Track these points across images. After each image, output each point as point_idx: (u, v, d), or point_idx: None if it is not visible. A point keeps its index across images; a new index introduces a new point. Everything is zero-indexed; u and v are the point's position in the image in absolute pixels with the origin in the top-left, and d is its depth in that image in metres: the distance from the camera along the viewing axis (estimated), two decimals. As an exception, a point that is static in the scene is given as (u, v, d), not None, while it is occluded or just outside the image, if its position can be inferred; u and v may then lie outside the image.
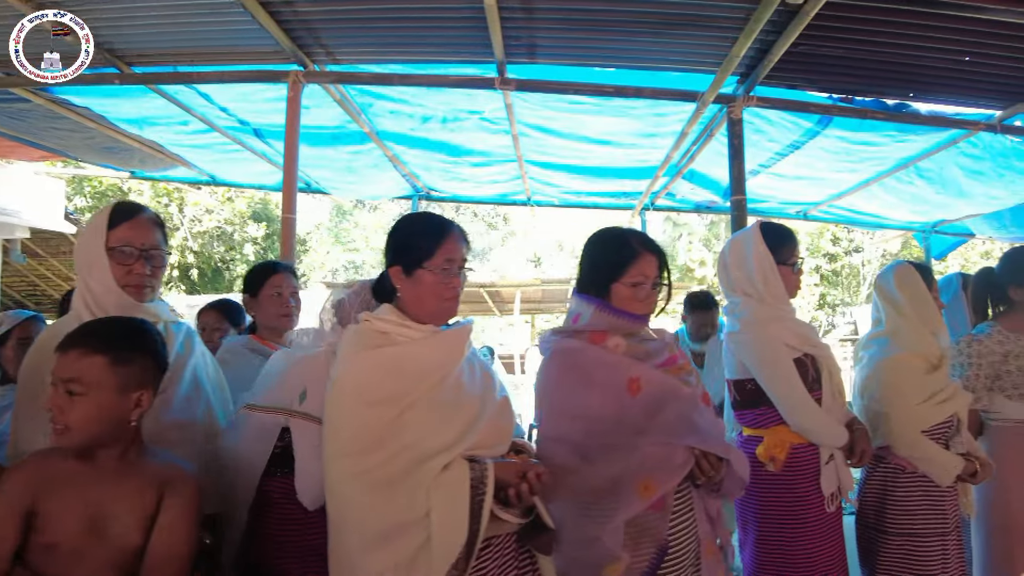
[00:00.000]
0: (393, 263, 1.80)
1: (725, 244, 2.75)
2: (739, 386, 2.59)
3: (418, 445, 1.60)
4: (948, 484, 2.54)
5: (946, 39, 3.52)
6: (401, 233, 1.84)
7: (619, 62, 4.10)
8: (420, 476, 1.57)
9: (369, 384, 1.64)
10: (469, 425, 1.68)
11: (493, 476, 1.60)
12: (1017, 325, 2.92)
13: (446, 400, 1.69)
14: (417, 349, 1.72)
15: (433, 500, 1.55)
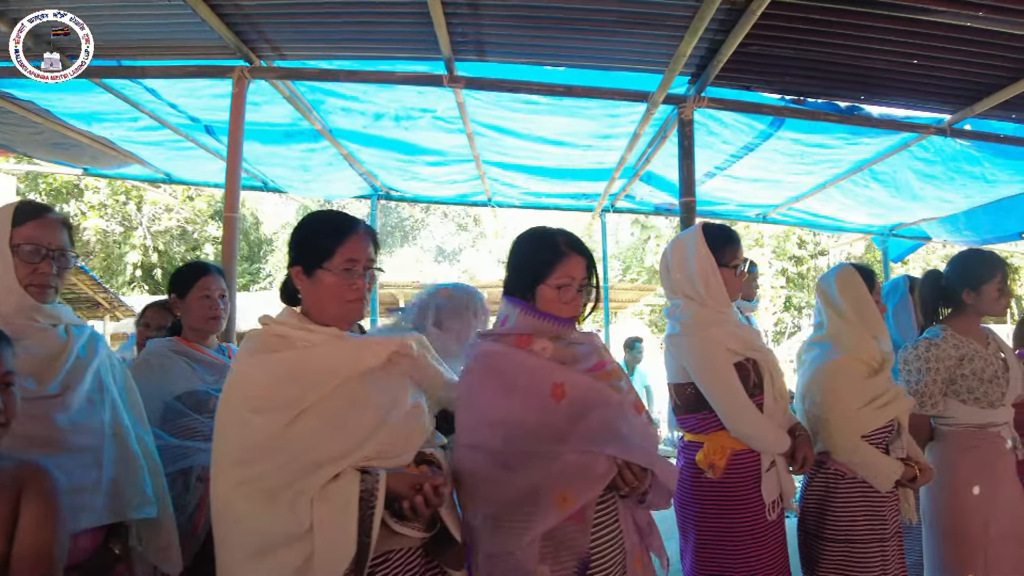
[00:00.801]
0: (293, 263, 1.72)
1: (667, 245, 2.69)
2: (679, 390, 2.53)
3: (307, 454, 1.51)
4: (888, 490, 2.51)
5: (895, 41, 3.51)
6: (302, 232, 1.76)
7: (569, 61, 4.04)
8: (305, 487, 1.49)
9: (258, 390, 1.57)
10: (367, 433, 1.59)
11: (384, 487, 1.52)
12: (966, 327, 2.90)
13: (342, 407, 1.60)
14: (314, 354, 1.64)
15: (317, 513, 1.47)
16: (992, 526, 2.70)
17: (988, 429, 2.78)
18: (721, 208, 7.18)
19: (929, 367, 2.80)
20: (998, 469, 2.76)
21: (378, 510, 1.50)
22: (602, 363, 1.98)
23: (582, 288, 1.94)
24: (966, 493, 2.73)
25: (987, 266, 2.86)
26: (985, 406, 2.76)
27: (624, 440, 1.78)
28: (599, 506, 1.84)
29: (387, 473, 1.56)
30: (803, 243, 26.03)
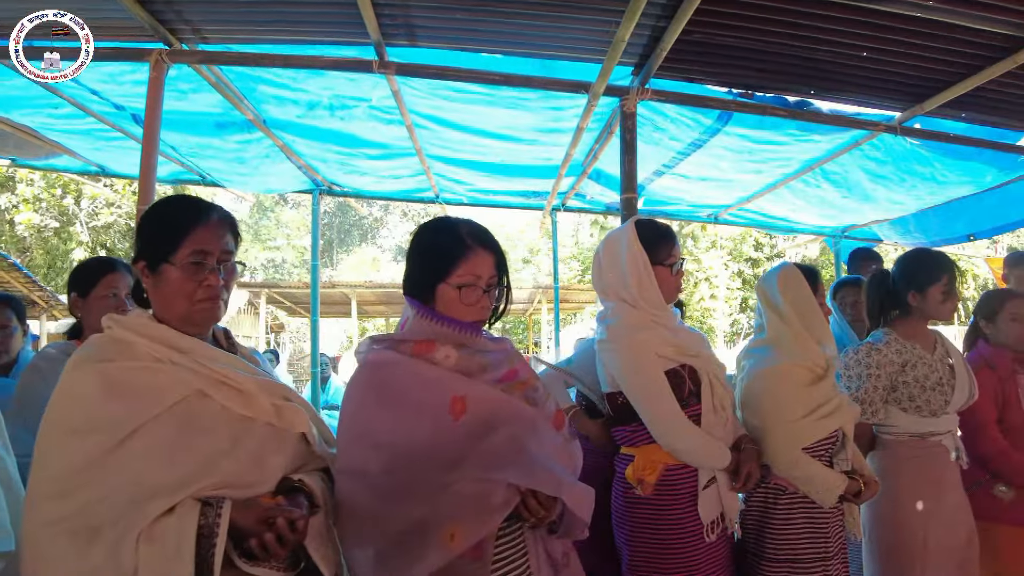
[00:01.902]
0: (137, 257, 1.47)
1: (599, 244, 2.49)
2: (611, 400, 2.35)
3: (135, 483, 1.27)
4: (831, 505, 2.35)
5: (845, 32, 3.35)
6: (147, 221, 1.51)
7: (505, 48, 3.81)
8: (130, 523, 1.24)
9: (80, 407, 1.31)
10: (213, 457, 1.35)
11: (227, 523, 1.28)
12: (912, 331, 2.77)
13: (184, 426, 1.36)
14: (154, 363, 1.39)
15: (142, 554, 1.22)
16: (931, 538, 2.58)
17: (930, 439, 2.66)
18: (672, 208, 7.04)
19: (870, 373, 2.67)
20: (940, 479, 2.65)
21: (218, 550, 1.26)
22: (513, 372, 1.76)
23: (490, 288, 1.71)
24: (906, 504, 2.61)
25: (933, 268, 2.73)
26: (927, 415, 2.64)
27: (528, 464, 1.55)
28: (504, 537, 1.62)
29: (233, 505, 1.31)
30: (759, 245, 26.27)
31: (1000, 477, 2.98)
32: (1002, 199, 5.70)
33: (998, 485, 3.00)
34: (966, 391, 2.73)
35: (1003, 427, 3.03)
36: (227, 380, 1.45)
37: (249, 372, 1.53)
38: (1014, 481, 2.96)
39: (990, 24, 3.16)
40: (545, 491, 1.54)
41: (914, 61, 3.61)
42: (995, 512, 2.99)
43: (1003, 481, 2.98)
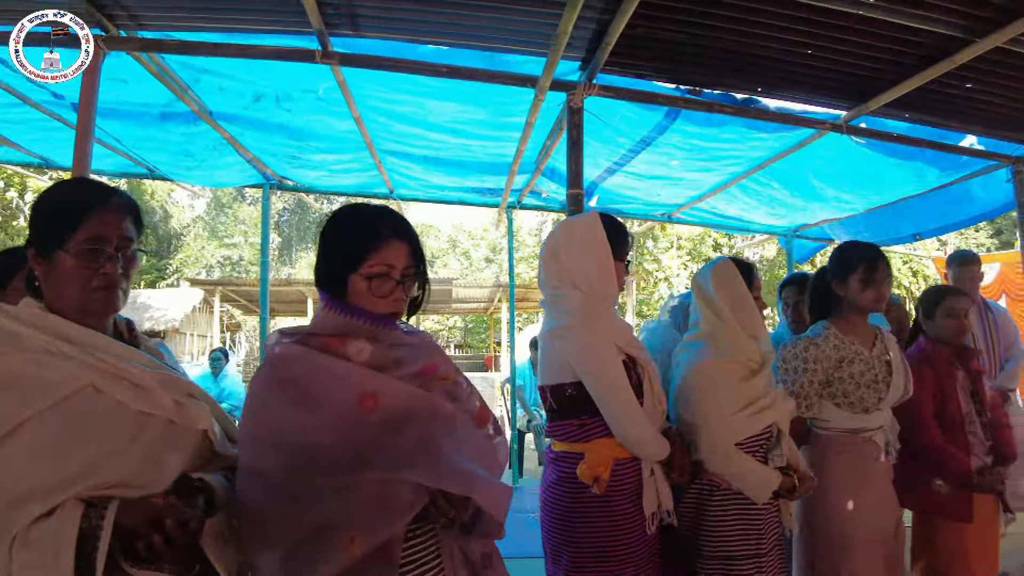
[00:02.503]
0: (29, 243, 1.38)
1: (554, 231, 2.46)
2: (558, 392, 2.28)
3: (13, 484, 1.19)
4: (764, 501, 2.34)
5: (789, 29, 3.37)
6: (40, 205, 1.42)
7: (451, 40, 3.76)
8: (4, 527, 1.16)
9: None
10: (106, 455, 1.27)
11: (111, 525, 1.20)
12: (851, 327, 2.77)
13: (74, 422, 1.27)
14: (44, 355, 1.30)
15: (16, 560, 1.14)
16: (859, 530, 2.59)
17: (861, 434, 2.67)
18: (627, 207, 7.02)
19: (806, 367, 2.66)
20: (869, 474, 2.66)
21: (100, 554, 1.18)
22: (431, 367, 1.69)
23: (405, 279, 1.64)
24: (834, 498, 2.62)
25: (853, 257, 2.75)
26: (859, 411, 2.65)
27: (438, 463, 1.48)
28: (415, 539, 1.56)
29: (120, 505, 1.23)
30: (718, 246, 26.48)
31: (937, 471, 3.02)
32: (945, 199, 5.80)
33: (935, 479, 3.04)
34: (900, 388, 2.74)
35: (941, 422, 3.07)
36: (124, 374, 1.37)
37: (150, 367, 1.45)
38: (949, 475, 3.00)
39: (927, 24, 3.19)
40: (454, 491, 1.48)
41: (858, 60, 3.64)
42: (932, 506, 3.05)
43: (939, 475, 3.02)
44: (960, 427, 3.09)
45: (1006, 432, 3.24)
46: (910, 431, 3.07)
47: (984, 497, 3.01)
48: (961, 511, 2.99)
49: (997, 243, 25.91)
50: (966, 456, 3.02)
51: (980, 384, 3.22)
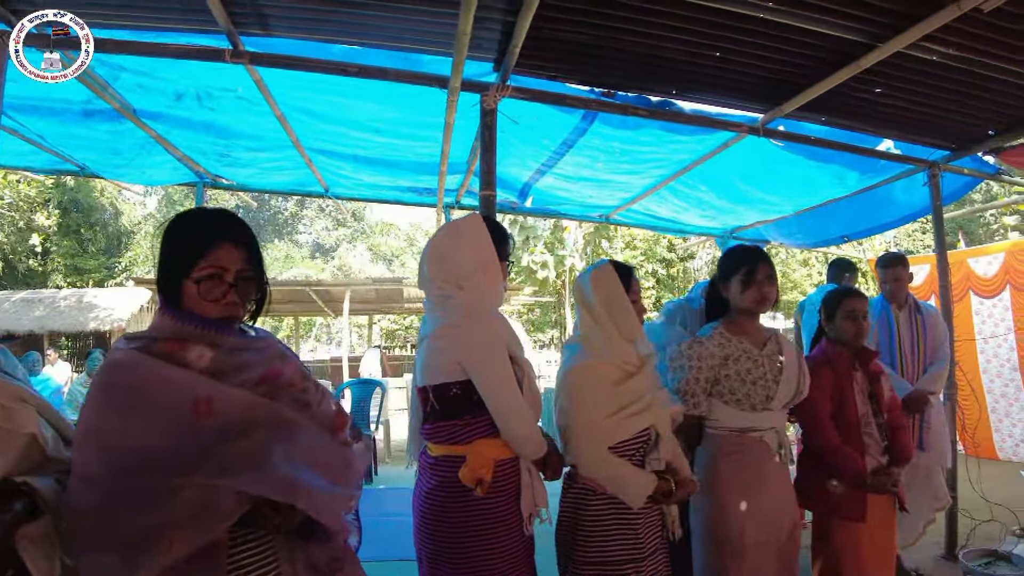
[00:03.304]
0: None
1: (437, 233, 2.46)
2: (441, 392, 2.25)
3: None
4: (640, 506, 2.32)
5: (695, 32, 3.37)
6: None
7: (360, 39, 3.73)
8: None
9: None
10: None
11: None
12: (739, 328, 2.79)
13: None
14: None
15: None
16: (750, 533, 2.59)
17: (750, 434, 2.67)
18: (562, 207, 7.02)
19: (691, 365, 2.69)
20: (761, 475, 2.66)
21: None
22: (275, 372, 1.66)
23: (239, 282, 1.61)
24: (724, 498, 2.63)
25: (735, 259, 2.79)
26: (747, 408, 2.65)
27: (263, 470, 1.46)
28: (249, 543, 1.54)
29: None
30: (672, 246, 26.74)
31: (832, 472, 3.06)
32: (870, 202, 5.89)
33: (831, 480, 3.08)
34: (792, 388, 2.75)
35: (838, 423, 3.10)
36: None
37: None
38: (844, 476, 3.04)
39: (828, 28, 3.22)
40: (276, 498, 1.47)
41: (768, 63, 3.68)
42: (828, 506, 3.10)
43: (835, 476, 3.06)
44: (856, 428, 3.12)
45: (903, 433, 3.28)
46: (808, 431, 3.13)
47: (879, 497, 3.05)
48: (855, 511, 3.03)
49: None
50: (861, 457, 3.05)
51: (878, 385, 3.26)
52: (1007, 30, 3.20)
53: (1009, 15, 3.05)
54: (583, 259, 26.35)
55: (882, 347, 4.28)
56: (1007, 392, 7.98)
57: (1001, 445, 8.10)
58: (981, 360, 7.99)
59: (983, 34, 3.25)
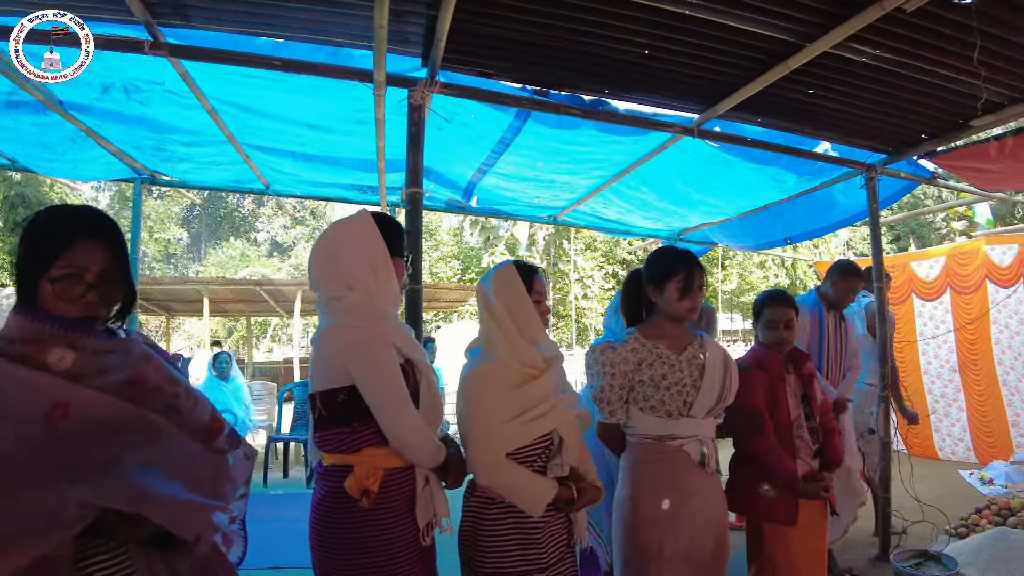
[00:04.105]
0: None
1: (326, 232, 2.35)
2: (328, 398, 2.14)
3: None
4: (539, 515, 2.23)
5: (622, 29, 3.33)
6: None
7: (283, 32, 3.62)
8: None
9: None
10: None
11: None
12: (656, 332, 2.70)
13: None
14: None
15: None
16: (669, 545, 2.51)
17: (669, 442, 2.58)
18: (508, 207, 6.96)
19: (604, 371, 2.60)
20: (682, 485, 2.57)
21: None
22: (140, 376, 1.57)
23: (100, 282, 1.53)
24: (641, 508, 2.56)
25: (672, 263, 2.67)
26: (663, 415, 2.57)
27: (110, 478, 1.39)
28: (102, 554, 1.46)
29: None
30: (633, 248, 26.85)
31: (764, 475, 3.05)
32: (812, 205, 5.93)
33: (762, 484, 3.06)
34: (715, 394, 2.65)
35: (772, 426, 3.08)
36: None
37: None
38: (776, 480, 3.02)
39: (757, 26, 3.20)
40: (122, 508, 1.39)
41: (701, 63, 3.65)
42: (759, 510, 3.09)
43: (767, 479, 3.05)
44: (788, 431, 3.12)
45: (834, 437, 3.28)
46: (741, 435, 3.12)
47: (810, 501, 3.05)
48: (785, 515, 3.01)
49: (895, 248, 26.96)
50: (792, 461, 3.04)
51: (811, 388, 3.25)
52: (931, 31, 3.21)
53: (932, 16, 3.05)
54: (544, 260, 26.38)
55: (811, 348, 4.31)
56: (947, 392, 8.13)
57: (940, 445, 8.27)
58: (923, 361, 8.12)
59: (909, 35, 3.25)
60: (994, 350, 7.74)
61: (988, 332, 7.75)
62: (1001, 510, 5.11)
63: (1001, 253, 7.57)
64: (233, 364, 8.37)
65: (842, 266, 4.64)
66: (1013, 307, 7.53)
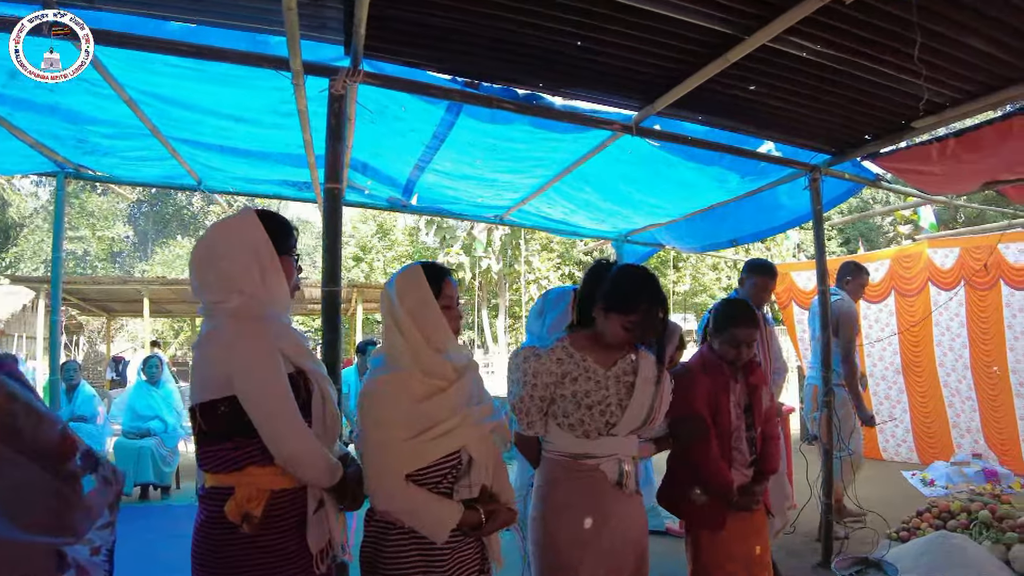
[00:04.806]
0: None
1: (206, 234, 2.16)
2: (209, 410, 1.95)
3: None
4: (443, 541, 2.05)
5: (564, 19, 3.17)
6: None
7: (193, 16, 3.38)
8: None
9: None
10: None
11: None
12: (587, 343, 2.51)
13: None
14: None
15: None
16: (586, 567, 2.36)
17: (583, 460, 2.41)
18: (452, 207, 6.77)
19: (526, 381, 2.41)
20: (598, 506, 2.40)
21: None
22: None
23: None
24: (553, 528, 2.40)
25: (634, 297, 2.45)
26: (580, 435, 2.39)
27: None
28: None
29: None
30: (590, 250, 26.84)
31: (699, 481, 3.00)
32: (758, 207, 5.85)
33: (695, 489, 3.02)
34: (642, 414, 2.47)
35: (715, 434, 3.03)
36: None
37: None
38: (710, 486, 2.98)
39: (695, 17, 3.06)
40: None
41: (639, 56, 3.50)
42: (690, 514, 3.09)
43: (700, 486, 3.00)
44: (727, 440, 3.06)
45: (774, 444, 3.22)
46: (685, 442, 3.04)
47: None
48: (713, 520, 2.99)
49: (845, 251, 27.40)
50: (728, 470, 3.00)
51: (756, 397, 3.16)
52: (871, 26, 3.09)
53: (872, 9, 2.94)
54: (499, 260, 26.26)
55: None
56: (891, 394, 8.19)
57: (884, 446, 8.35)
58: (868, 364, 8.13)
59: (849, 29, 3.13)
60: (936, 352, 7.80)
61: (930, 334, 7.81)
62: (941, 513, 5.08)
63: (943, 256, 7.62)
64: (164, 368, 8.02)
65: (751, 265, 4.61)
66: (954, 310, 7.59)
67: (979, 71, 3.54)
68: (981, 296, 7.33)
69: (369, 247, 28.49)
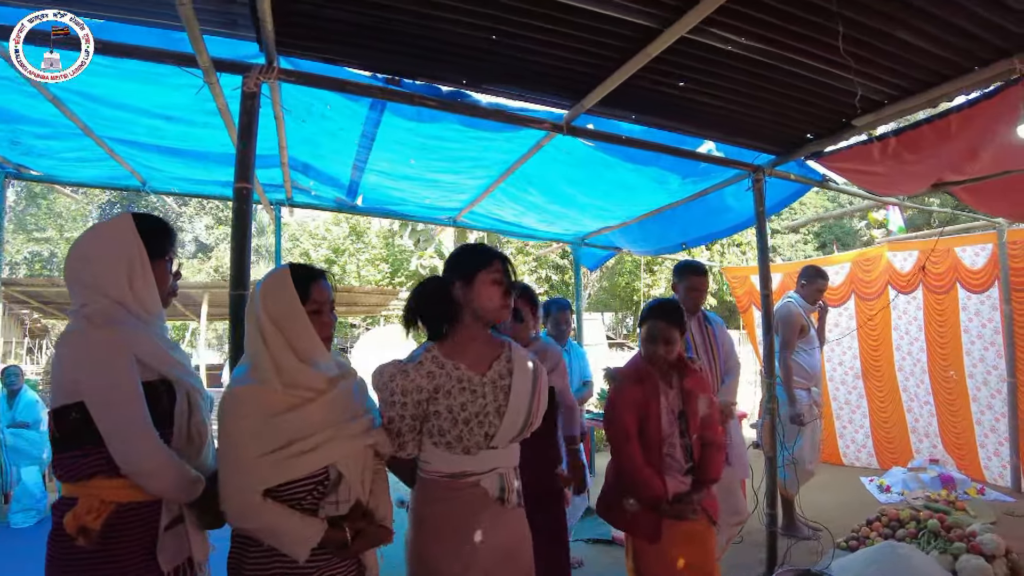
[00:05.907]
0: None
1: (80, 237, 2.09)
2: (61, 416, 1.86)
3: None
4: (304, 560, 1.92)
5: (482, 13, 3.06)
6: None
7: (98, 11, 3.23)
8: None
9: None
10: None
11: None
12: (457, 349, 2.32)
13: None
14: None
15: None
16: None
17: (461, 479, 2.25)
18: (401, 208, 6.65)
19: (395, 400, 2.21)
20: (477, 524, 2.24)
21: None
22: None
23: None
24: (430, 555, 2.22)
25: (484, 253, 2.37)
26: (459, 452, 2.22)
27: None
28: None
29: None
30: (566, 253, 26.72)
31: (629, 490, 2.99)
32: (706, 209, 5.77)
33: (627, 498, 3.00)
34: (520, 421, 2.30)
35: (640, 441, 2.99)
36: None
37: None
38: (639, 495, 2.95)
39: (615, 10, 2.95)
40: None
41: (563, 51, 3.37)
42: (625, 523, 3.08)
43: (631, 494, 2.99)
44: (657, 448, 3.00)
45: (715, 452, 3.14)
46: (613, 448, 3.05)
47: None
48: (647, 530, 2.95)
49: (822, 254, 27.48)
50: (660, 479, 2.94)
51: (692, 404, 3.09)
52: (790, 15, 2.97)
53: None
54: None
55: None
56: (850, 399, 8.14)
57: (844, 451, 8.30)
58: (828, 368, 8.08)
59: (771, 20, 3.00)
60: (895, 356, 7.76)
61: (890, 338, 7.77)
62: (891, 521, 5.02)
63: (902, 259, 7.57)
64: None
65: (679, 267, 4.58)
66: (912, 313, 7.56)
67: (913, 67, 3.45)
68: (938, 300, 7.30)
69: (342, 249, 28.17)
